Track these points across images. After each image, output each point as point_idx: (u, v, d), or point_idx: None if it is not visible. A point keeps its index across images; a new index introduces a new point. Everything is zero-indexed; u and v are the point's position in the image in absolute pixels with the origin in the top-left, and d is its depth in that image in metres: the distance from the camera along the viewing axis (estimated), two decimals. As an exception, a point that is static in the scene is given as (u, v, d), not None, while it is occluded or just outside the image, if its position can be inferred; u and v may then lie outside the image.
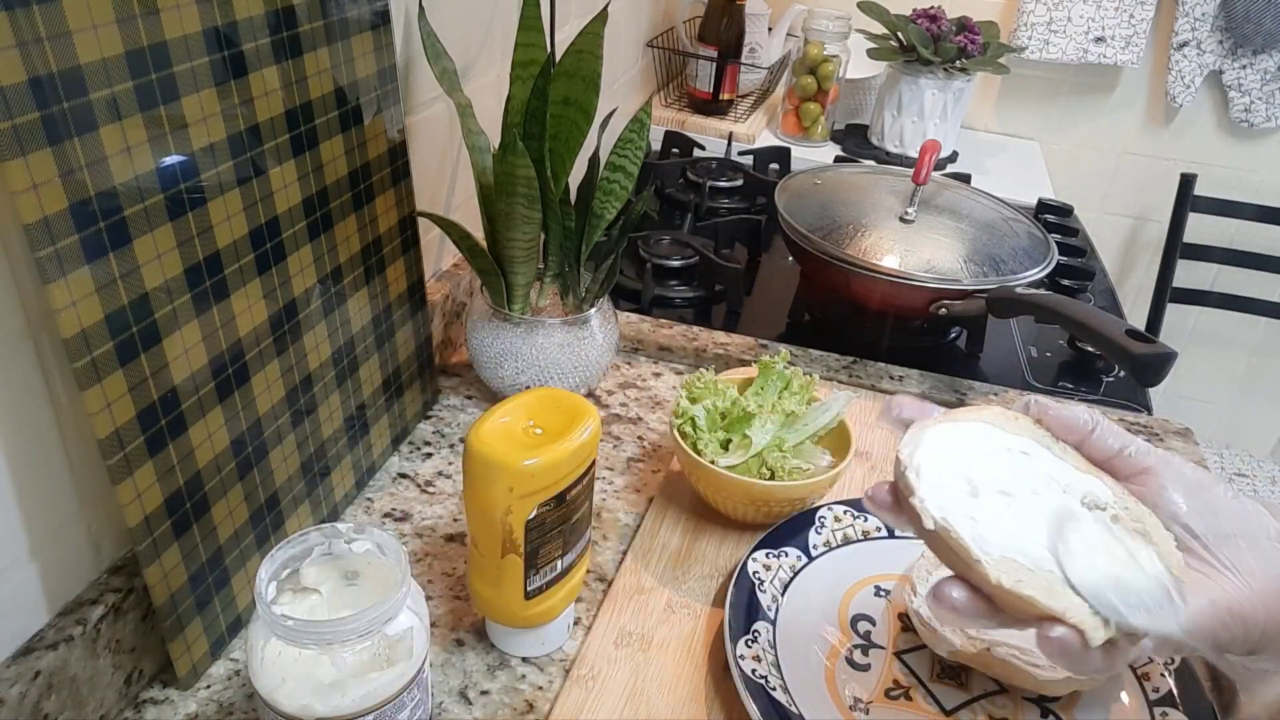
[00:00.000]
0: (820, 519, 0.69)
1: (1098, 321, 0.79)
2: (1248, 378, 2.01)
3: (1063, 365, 1.01)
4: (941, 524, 0.41)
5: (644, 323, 0.95)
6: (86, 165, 0.42)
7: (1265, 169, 1.82)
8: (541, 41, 0.74)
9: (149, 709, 0.54)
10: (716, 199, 1.31)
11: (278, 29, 0.54)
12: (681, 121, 1.56)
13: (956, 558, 0.41)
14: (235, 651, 0.57)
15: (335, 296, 0.64)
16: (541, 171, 0.72)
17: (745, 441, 0.70)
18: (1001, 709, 0.57)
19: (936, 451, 0.44)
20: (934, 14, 1.48)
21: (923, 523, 0.41)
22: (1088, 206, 1.87)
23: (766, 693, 0.55)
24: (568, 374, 0.79)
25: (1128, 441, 0.46)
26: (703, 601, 0.65)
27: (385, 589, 0.47)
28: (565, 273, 0.81)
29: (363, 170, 0.65)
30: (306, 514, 0.63)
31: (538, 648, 0.60)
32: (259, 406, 0.57)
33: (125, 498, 0.47)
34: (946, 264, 0.94)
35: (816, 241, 0.95)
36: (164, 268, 0.48)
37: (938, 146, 1.02)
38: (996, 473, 0.44)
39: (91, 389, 0.44)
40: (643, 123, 0.79)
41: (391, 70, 0.67)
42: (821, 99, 1.55)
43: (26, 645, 0.48)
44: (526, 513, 0.52)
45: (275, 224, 0.56)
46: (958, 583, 0.41)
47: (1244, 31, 1.67)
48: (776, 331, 1.03)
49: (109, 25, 0.42)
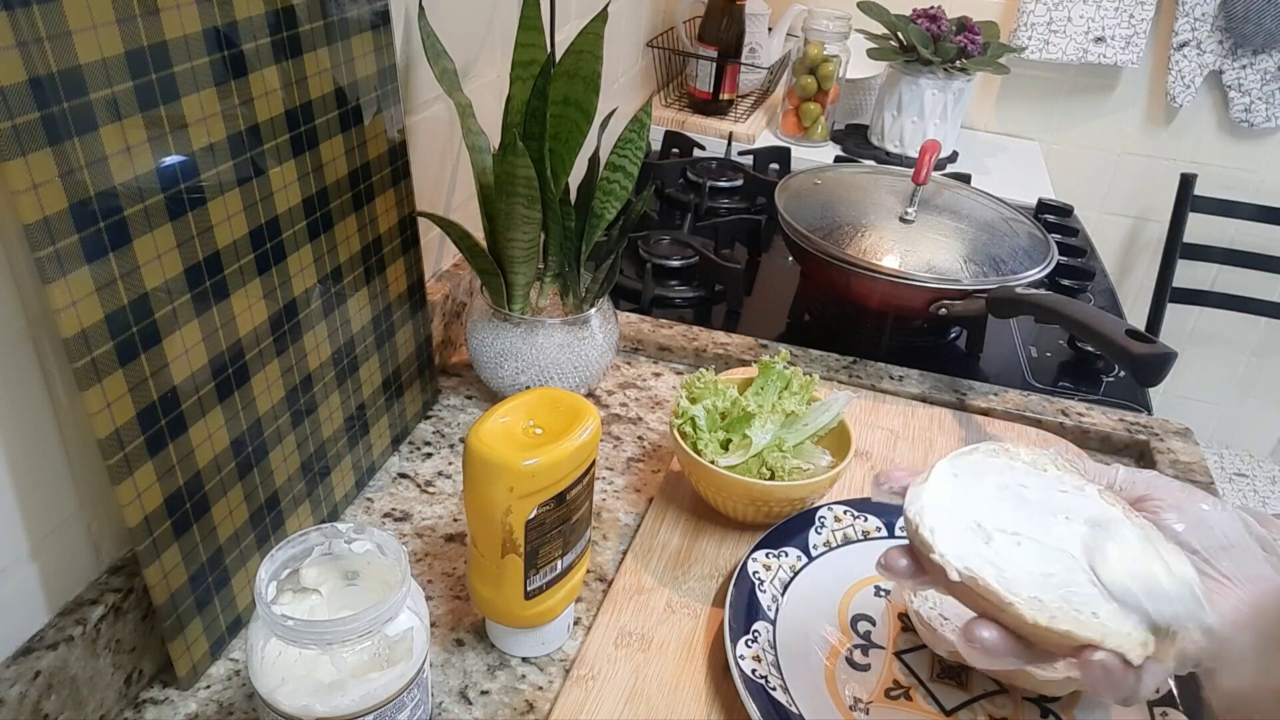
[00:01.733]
0: (820, 519, 0.69)
1: (1098, 321, 0.79)
2: (1248, 378, 2.01)
3: (1063, 365, 1.01)
4: (967, 574, 0.42)
5: (644, 323, 0.95)
6: (86, 165, 0.42)
7: (1265, 169, 1.82)
8: (541, 41, 0.74)
9: (149, 709, 0.54)
10: (716, 199, 1.31)
11: (278, 29, 0.54)
12: (681, 121, 1.56)
13: (987, 603, 0.41)
14: (235, 651, 0.57)
15: (335, 296, 0.64)
16: (541, 171, 0.72)
17: (745, 441, 0.70)
18: (1001, 709, 0.57)
19: (940, 506, 0.45)
20: (934, 14, 1.48)
21: (948, 575, 0.42)
22: (1088, 206, 1.87)
23: (766, 693, 0.55)
24: (568, 374, 0.79)
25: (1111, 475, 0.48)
26: (703, 601, 0.65)
27: (385, 589, 0.47)
28: (565, 273, 0.81)
29: (363, 170, 0.65)
30: (306, 514, 0.63)
31: (538, 648, 0.60)
32: (259, 406, 0.57)
33: (125, 498, 0.47)
34: (946, 264, 0.94)
35: (816, 241, 0.95)
36: (164, 268, 0.48)
37: (938, 146, 1.02)
38: (1003, 515, 0.45)
39: (91, 389, 0.44)
40: (643, 123, 0.79)
41: (391, 70, 0.67)
42: (821, 99, 1.55)
43: (26, 645, 0.48)
44: (526, 513, 0.52)
45: (275, 224, 0.56)
46: (985, 623, 0.42)
47: (1244, 31, 1.67)
48: (776, 331, 1.03)
49: (109, 25, 0.42)
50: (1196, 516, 0.44)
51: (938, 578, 0.43)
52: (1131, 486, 0.47)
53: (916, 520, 0.44)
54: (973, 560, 0.42)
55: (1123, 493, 0.47)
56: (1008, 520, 0.45)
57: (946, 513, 0.45)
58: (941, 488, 0.46)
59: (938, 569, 0.43)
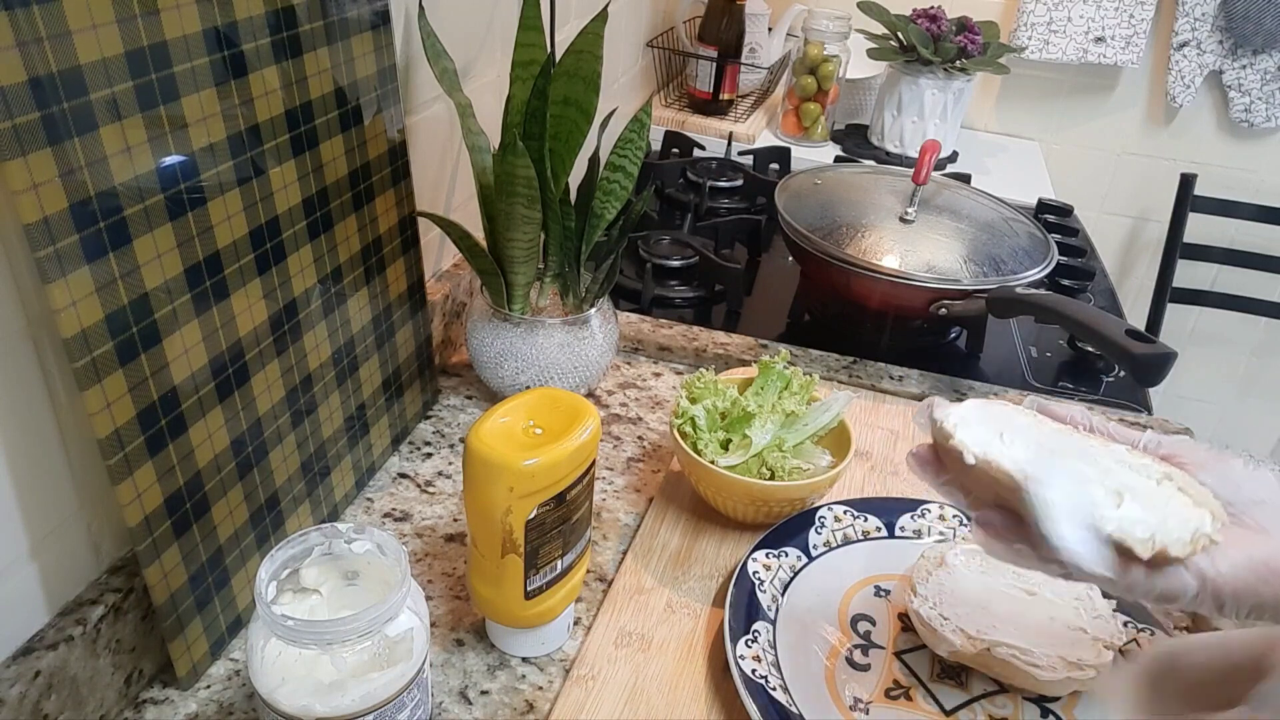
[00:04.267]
0: (820, 519, 0.69)
1: (1098, 321, 0.79)
2: (1248, 378, 2.01)
3: (1063, 365, 1.01)
4: (982, 458, 0.43)
5: (644, 323, 0.95)
6: (86, 165, 0.42)
7: (1265, 169, 1.82)
8: (541, 41, 0.74)
9: (149, 709, 0.54)
10: (716, 199, 1.31)
11: (278, 29, 0.54)
12: (681, 121, 1.56)
13: (1001, 487, 0.43)
14: (235, 651, 0.57)
15: (335, 296, 0.64)
16: (541, 171, 0.72)
17: (745, 441, 0.70)
18: (1001, 709, 0.57)
19: (969, 415, 0.47)
20: (934, 14, 1.48)
21: (964, 459, 0.44)
22: (1088, 206, 1.87)
23: (766, 693, 0.55)
24: (568, 374, 0.79)
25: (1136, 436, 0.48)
26: (703, 601, 0.65)
27: (385, 589, 0.47)
28: (565, 273, 0.81)
29: (363, 170, 0.65)
30: (306, 514, 0.63)
31: (538, 648, 0.60)
32: (259, 406, 0.57)
33: (125, 498, 0.47)
34: (946, 264, 0.94)
35: (816, 241, 0.95)
36: (164, 268, 0.48)
37: (938, 146, 1.02)
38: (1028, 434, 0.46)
39: (91, 389, 0.44)
40: (643, 123, 0.79)
41: (391, 70, 0.67)
42: (821, 99, 1.55)
43: (26, 645, 0.48)
44: (526, 513, 0.52)
45: (275, 224, 0.56)
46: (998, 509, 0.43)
47: (1244, 31, 1.67)
48: (776, 331, 1.03)
49: (109, 25, 0.42)
50: (1228, 475, 0.44)
51: (954, 465, 0.45)
52: (1158, 446, 0.47)
53: (941, 418, 0.46)
54: (990, 450, 0.44)
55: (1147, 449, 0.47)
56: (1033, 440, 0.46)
57: (975, 420, 0.46)
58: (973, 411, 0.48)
59: (954, 455, 0.44)
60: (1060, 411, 0.49)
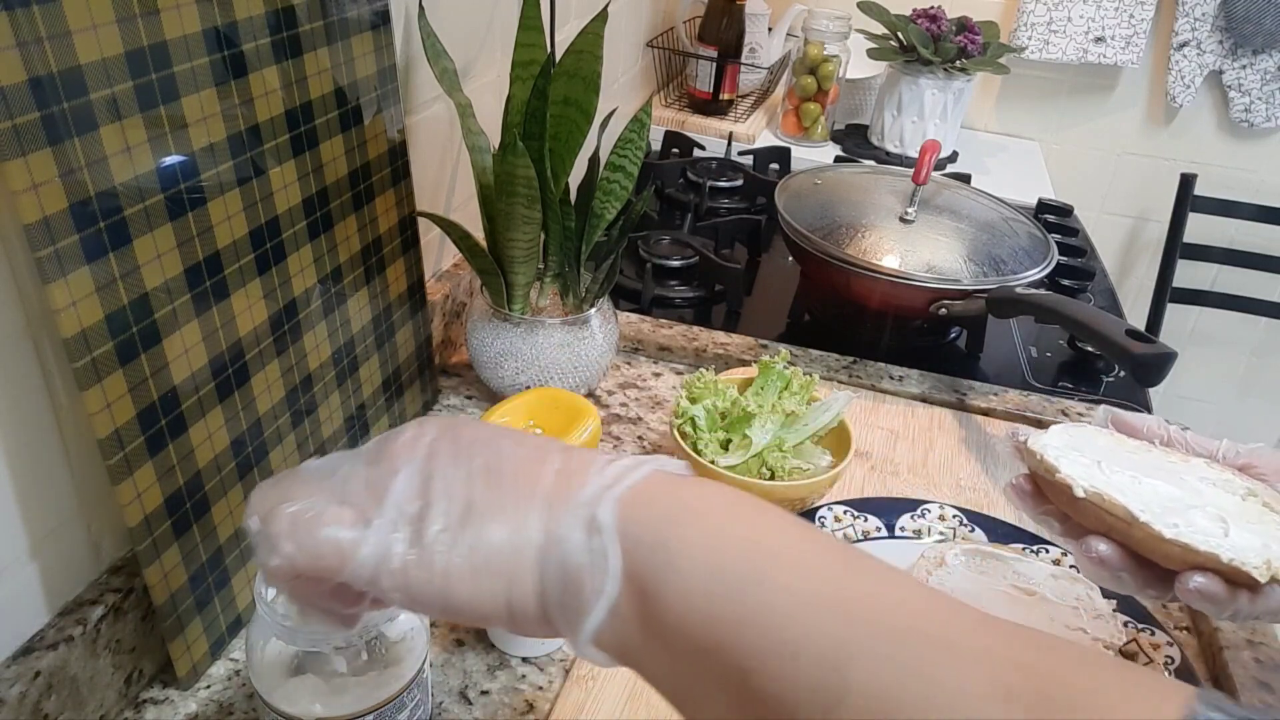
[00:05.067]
0: (820, 519, 0.69)
1: (1098, 321, 0.79)
2: (1248, 378, 2.01)
3: (1063, 365, 1.01)
4: (1092, 490, 0.44)
5: (644, 323, 0.95)
6: (86, 165, 0.42)
7: (1265, 169, 1.82)
8: (541, 41, 0.74)
9: (149, 709, 0.54)
10: (716, 199, 1.31)
11: (278, 29, 0.54)
12: (681, 121, 1.56)
13: (1111, 518, 0.44)
14: (235, 651, 0.57)
15: (335, 296, 0.64)
16: (541, 171, 0.72)
17: (745, 441, 0.70)
18: (1001, 709, 0.57)
19: (1061, 444, 0.48)
20: (934, 14, 1.48)
21: (1074, 492, 0.44)
22: (1088, 206, 1.87)
23: (766, 693, 0.55)
24: (568, 374, 0.79)
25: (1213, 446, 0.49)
26: (703, 601, 0.65)
27: (385, 589, 0.47)
28: (565, 273, 0.81)
29: (363, 170, 0.65)
30: (306, 514, 0.63)
31: (538, 648, 0.60)
32: (259, 406, 0.57)
33: (125, 498, 0.47)
34: (946, 264, 0.94)
35: (816, 241, 0.95)
36: (164, 268, 0.48)
37: (938, 146, 1.02)
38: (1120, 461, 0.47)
39: (91, 389, 0.44)
40: (643, 123, 0.79)
41: (391, 70, 0.67)
42: (821, 99, 1.55)
43: (26, 645, 0.48)
44: (526, 513, 0.52)
45: (275, 224, 0.56)
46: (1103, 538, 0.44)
47: (1244, 31, 1.67)
48: (776, 331, 1.03)
49: (109, 25, 0.42)
50: None
51: (1060, 498, 0.45)
52: (1235, 457, 0.48)
53: (1040, 451, 0.47)
54: (1096, 482, 0.45)
55: (1225, 461, 0.48)
56: (1125, 464, 0.47)
57: (1068, 450, 0.47)
58: (1059, 437, 0.49)
59: (1062, 488, 0.45)
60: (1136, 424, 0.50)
